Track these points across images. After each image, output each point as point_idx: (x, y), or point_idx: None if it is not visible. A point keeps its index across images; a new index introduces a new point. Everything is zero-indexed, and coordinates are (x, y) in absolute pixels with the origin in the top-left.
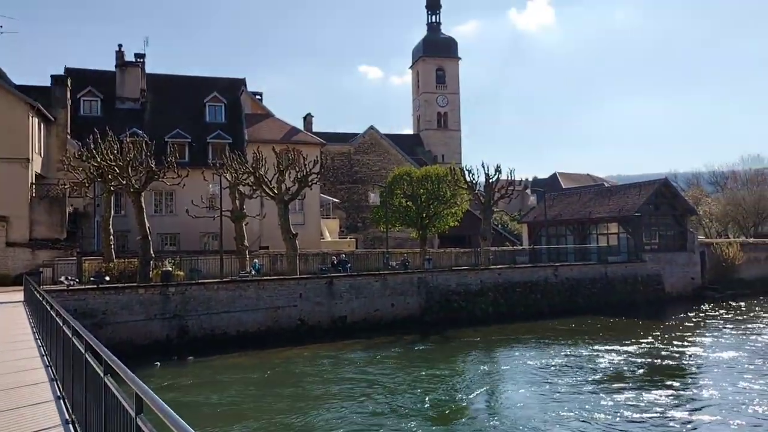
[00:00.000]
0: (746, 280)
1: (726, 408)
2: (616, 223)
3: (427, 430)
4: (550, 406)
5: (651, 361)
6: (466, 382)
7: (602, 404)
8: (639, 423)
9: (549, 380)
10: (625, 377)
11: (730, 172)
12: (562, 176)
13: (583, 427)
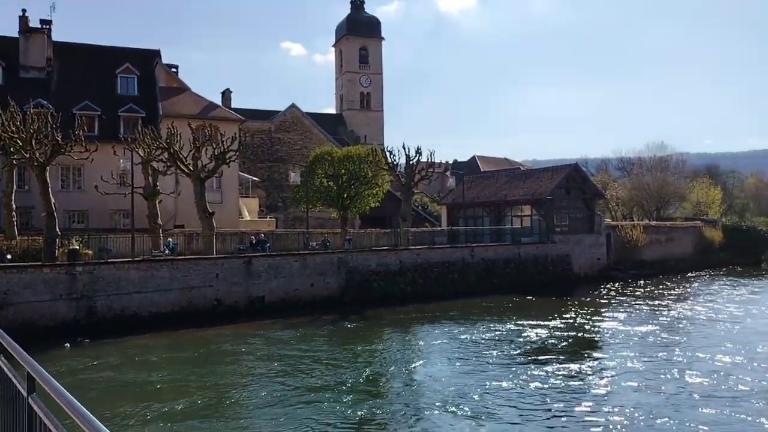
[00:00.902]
0: (648, 260)
1: (632, 377)
2: (529, 205)
3: (349, 406)
4: (465, 380)
5: (561, 336)
6: (386, 359)
7: (514, 376)
8: (550, 393)
9: (464, 356)
10: (537, 351)
11: (637, 159)
12: (480, 159)
13: (495, 398)
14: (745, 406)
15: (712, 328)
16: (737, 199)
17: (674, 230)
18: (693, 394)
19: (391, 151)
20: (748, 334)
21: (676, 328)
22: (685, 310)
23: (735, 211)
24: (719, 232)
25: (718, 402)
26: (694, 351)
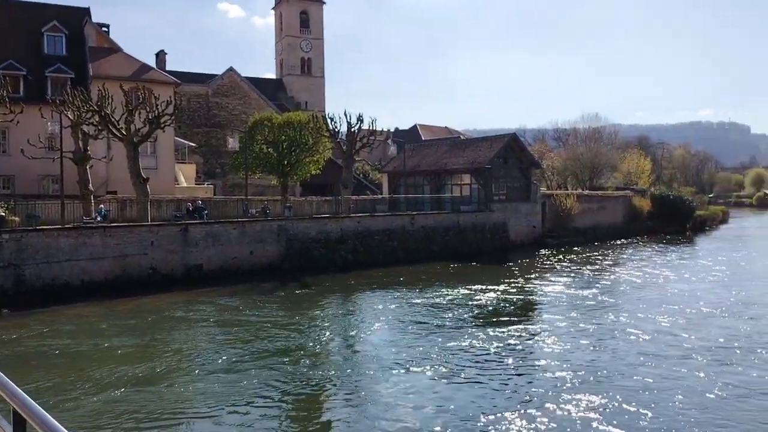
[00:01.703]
0: (580, 228)
1: (574, 339)
2: (468, 174)
3: (296, 371)
4: (407, 344)
5: (501, 301)
6: (329, 325)
7: (456, 340)
8: (493, 355)
9: (406, 321)
10: (478, 316)
11: (572, 129)
12: (422, 128)
13: (438, 361)
14: (689, 363)
15: (647, 291)
16: (665, 170)
17: (606, 199)
18: (637, 353)
19: (332, 118)
20: (683, 296)
21: (613, 292)
22: (619, 274)
23: (663, 181)
24: (648, 201)
25: (662, 360)
26: (633, 312)
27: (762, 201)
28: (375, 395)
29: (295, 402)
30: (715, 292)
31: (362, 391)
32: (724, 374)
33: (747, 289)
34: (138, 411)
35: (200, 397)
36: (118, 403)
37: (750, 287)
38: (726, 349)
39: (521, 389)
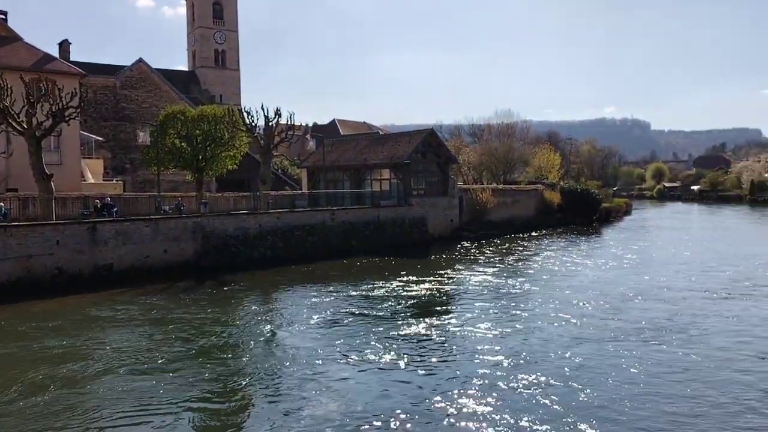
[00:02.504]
0: (495, 221)
1: (499, 326)
2: (388, 169)
3: (213, 370)
4: (328, 340)
5: (423, 294)
6: (246, 323)
7: (376, 334)
8: (418, 346)
9: (327, 317)
10: (399, 309)
11: (486, 125)
12: (340, 123)
13: (359, 355)
14: (615, 343)
15: (566, 278)
16: (573, 164)
17: (519, 193)
18: (565, 335)
19: (249, 112)
20: (600, 282)
21: (534, 280)
22: (537, 264)
23: (571, 176)
24: (558, 194)
25: (589, 341)
26: (557, 298)
27: (661, 193)
28: (298, 390)
29: (219, 401)
30: (629, 278)
31: (285, 386)
32: (649, 353)
33: (657, 274)
34: (65, 412)
35: (125, 398)
36: (48, 405)
37: (660, 273)
38: (648, 330)
39: (453, 376)
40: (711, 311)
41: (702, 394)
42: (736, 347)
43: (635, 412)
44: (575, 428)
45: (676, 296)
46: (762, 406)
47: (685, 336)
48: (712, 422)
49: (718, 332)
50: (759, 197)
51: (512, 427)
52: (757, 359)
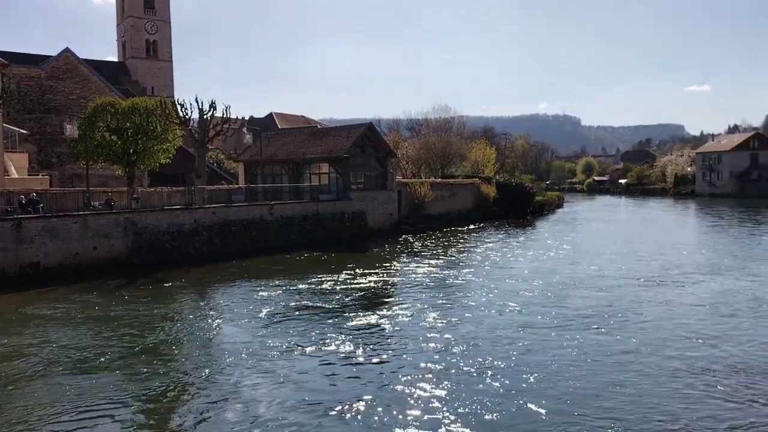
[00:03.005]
0: (434, 215)
1: (439, 314)
2: (327, 163)
3: (151, 369)
4: (267, 336)
5: (364, 287)
6: (182, 321)
7: (316, 329)
8: (361, 342)
9: (265, 313)
10: (341, 301)
11: (424, 120)
12: (278, 116)
13: (298, 351)
14: (559, 330)
15: (507, 269)
16: (508, 159)
17: (456, 187)
18: (511, 323)
19: (182, 104)
20: (540, 272)
21: (476, 271)
22: (478, 255)
23: (507, 170)
24: (494, 188)
25: (535, 328)
26: (500, 288)
27: (591, 187)
28: (242, 385)
29: (159, 399)
30: (567, 268)
31: (229, 382)
32: (591, 337)
33: (593, 264)
34: None
35: (64, 397)
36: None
37: (594, 262)
38: (589, 316)
39: (402, 365)
40: (645, 298)
41: (641, 373)
42: (670, 330)
43: (580, 393)
44: (524, 408)
45: (612, 284)
46: (694, 381)
47: (623, 321)
48: (650, 398)
49: (653, 317)
50: (682, 190)
51: (463, 411)
52: (689, 340)
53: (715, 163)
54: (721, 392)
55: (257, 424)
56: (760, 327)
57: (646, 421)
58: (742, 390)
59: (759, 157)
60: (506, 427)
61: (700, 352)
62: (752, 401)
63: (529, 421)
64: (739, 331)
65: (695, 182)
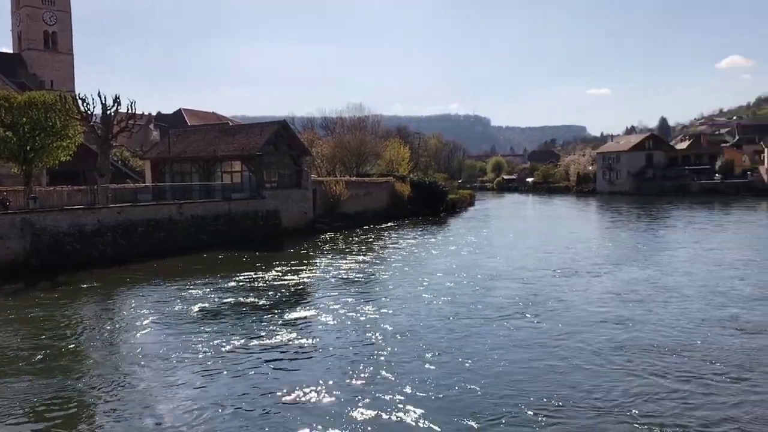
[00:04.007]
0: (349, 213)
1: (369, 308)
2: (239, 161)
3: (51, 377)
4: (176, 340)
5: (278, 287)
6: (88, 324)
7: (227, 331)
8: (273, 342)
9: (173, 316)
10: (252, 305)
11: (339, 118)
12: (187, 113)
13: (207, 354)
14: (486, 318)
15: (427, 265)
16: (422, 158)
17: (371, 185)
18: (438, 314)
19: (84, 99)
20: (461, 266)
21: (397, 267)
22: (396, 252)
23: (420, 168)
24: (408, 186)
25: (460, 318)
26: (423, 282)
27: (501, 185)
28: (151, 389)
29: (60, 407)
30: (486, 262)
31: (138, 386)
32: (518, 324)
33: (509, 257)
34: None
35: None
36: None
37: (511, 256)
38: (513, 305)
39: (330, 361)
40: (564, 287)
41: (567, 353)
42: (589, 315)
43: (514, 373)
44: (456, 390)
45: (532, 276)
46: (613, 358)
47: (547, 308)
48: (576, 374)
49: (572, 304)
50: (584, 188)
51: (397, 398)
52: (606, 324)
53: (614, 163)
54: (635, 368)
55: (165, 428)
56: (665, 311)
57: (573, 396)
58: (654, 365)
59: (653, 157)
60: (445, 409)
61: (616, 334)
62: (662, 376)
63: (468, 401)
64: (648, 315)
65: (596, 180)
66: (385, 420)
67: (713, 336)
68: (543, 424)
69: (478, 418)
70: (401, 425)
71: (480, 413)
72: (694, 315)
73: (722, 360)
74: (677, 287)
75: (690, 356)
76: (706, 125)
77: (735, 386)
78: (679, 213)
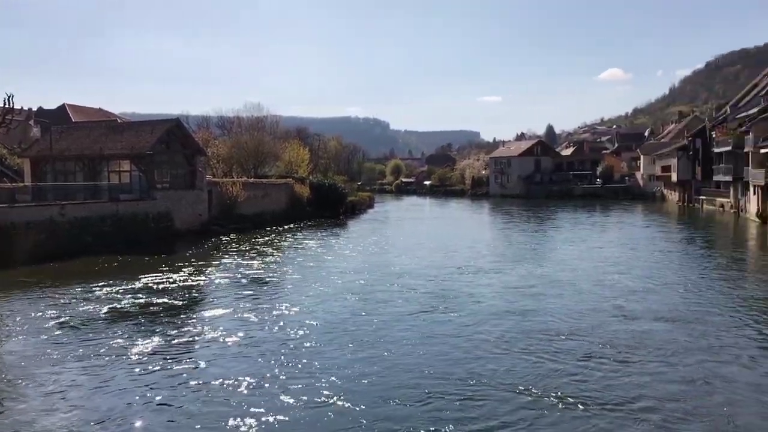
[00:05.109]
0: (247, 215)
1: (277, 309)
2: (128, 160)
3: None
4: (58, 349)
5: (164, 293)
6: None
7: (111, 341)
8: (172, 346)
9: (56, 325)
10: (141, 312)
11: (236, 118)
12: (72, 108)
13: (94, 368)
14: (397, 314)
15: (330, 265)
16: (321, 160)
17: (270, 186)
18: (351, 313)
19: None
20: (366, 265)
21: (298, 268)
22: (297, 253)
23: (320, 170)
24: (307, 188)
25: (372, 316)
26: (327, 283)
27: (399, 188)
28: (25, 403)
29: None
30: (392, 261)
31: (11, 400)
32: (436, 317)
33: (414, 257)
34: None
35: None
36: None
37: (416, 255)
38: (424, 300)
39: (204, 368)
40: (468, 282)
41: (477, 340)
42: (494, 307)
43: (431, 361)
44: (377, 378)
45: (439, 273)
46: (516, 342)
47: (455, 302)
48: (486, 359)
49: (479, 297)
50: (478, 191)
51: (320, 387)
52: (510, 314)
53: (505, 167)
54: (536, 351)
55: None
56: (560, 302)
57: (484, 377)
58: (553, 349)
59: (542, 163)
60: (367, 394)
61: (519, 323)
62: (560, 357)
63: (390, 387)
64: (546, 306)
65: (489, 184)
66: (309, 407)
67: (602, 323)
68: (458, 403)
69: (402, 401)
70: (324, 412)
71: (402, 398)
72: (585, 305)
73: (610, 343)
74: (569, 281)
75: (583, 340)
76: (588, 133)
77: (622, 365)
78: (565, 215)
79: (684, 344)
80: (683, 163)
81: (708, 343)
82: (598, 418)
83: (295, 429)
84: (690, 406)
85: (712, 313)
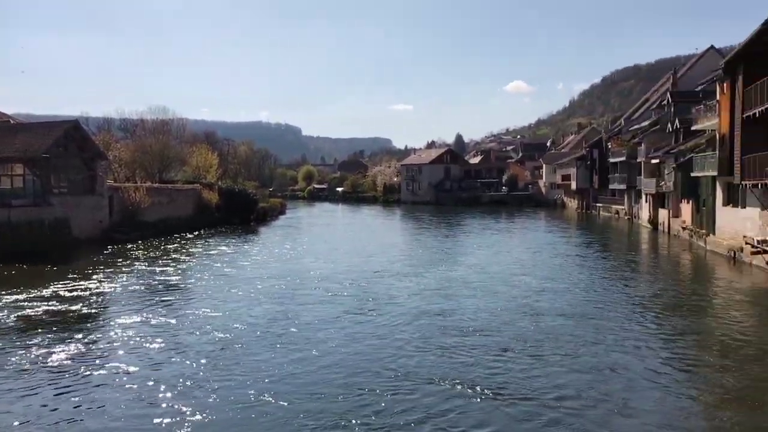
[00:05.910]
0: (151, 221)
1: (196, 316)
2: (21, 164)
3: None
4: None
5: (62, 307)
6: None
7: (22, 350)
8: (62, 366)
9: None
10: (48, 321)
11: (140, 120)
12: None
13: (9, 375)
14: (318, 317)
15: (243, 272)
16: (231, 165)
17: (176, 192)
18: (273, 318)
19: None
20: (282, 272)
21: (206, 275)
22: (204, 261)
23: (230, 176)
24: (216, 194)
25: (293, 318)
26: (242, 290)
27: (312, 194)
28: None
29: None
30: (313, 265)
31: None
32: (359, 318)
33: (331, 262)
34: None
35: None
36: None
37: (330, 260)
38: (351, 302)
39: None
40: (388, 285)
41: (397, 339)
42: (415, 308)
43: (358, 359)
44: (309, 378)
45: (358, 277)
46: (433, 340)
47: (376, 304)
48: (407, 356)
49: (401, 299)
50: (390, 198)
51: (251, 389)
52: (429, 314)
53: (416, 174)
54: (454, 346)
55: None
56: (474, 302)
57: (407, 371)
58: (469, 344)
59: (451, 170)
60: (298, 393)
61: (437, 321)
62: (475, 351)
63: (321, 384)
64: (461, 306)
65: (401, 191)
66: (237, 407)
67: (512, 320)
68: (386, 397)
69: (331, 398)
70: (254, 410)
71: (330, 395)
72: (496, 304)
73: (521, 338)
74: (480, 283)
75: (496, 336)
76: (495, 142)
77: (533, 358)
78: (474, 221)
79: (587, 338)
80: (582, 173)
81: (609, 337)
82: (514, 407)
83: (224, 428)
84: (596, 393)
85: (610, 309)
